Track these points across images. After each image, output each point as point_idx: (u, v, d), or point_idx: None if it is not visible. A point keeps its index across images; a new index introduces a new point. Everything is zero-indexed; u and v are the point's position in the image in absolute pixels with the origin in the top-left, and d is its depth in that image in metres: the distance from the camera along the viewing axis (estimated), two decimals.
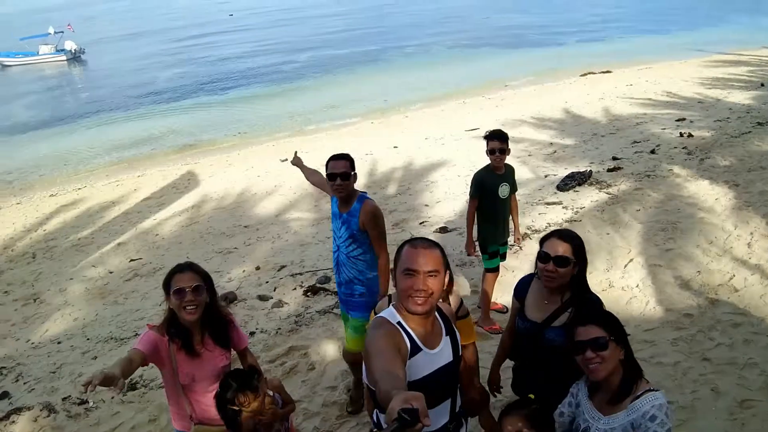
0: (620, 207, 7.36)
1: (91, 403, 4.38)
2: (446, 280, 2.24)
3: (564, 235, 2.72)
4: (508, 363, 3.14)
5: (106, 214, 10.76)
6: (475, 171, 5.02)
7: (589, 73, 21.13)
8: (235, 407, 2.61)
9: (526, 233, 6.97)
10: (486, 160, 4.91)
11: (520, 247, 6.51)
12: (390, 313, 2.25)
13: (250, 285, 6.94)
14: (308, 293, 6.39)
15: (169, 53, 37.60)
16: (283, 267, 7.37)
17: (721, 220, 6.60)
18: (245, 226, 9.34)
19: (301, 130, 17.35)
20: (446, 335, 2.32)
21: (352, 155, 3.88)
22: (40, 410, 4.28)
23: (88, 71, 36.32)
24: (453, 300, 2.81)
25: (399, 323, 2.20)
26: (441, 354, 2.26)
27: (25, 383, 4.91)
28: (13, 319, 6.52)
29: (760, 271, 5.42)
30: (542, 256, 2.67)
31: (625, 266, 5.85)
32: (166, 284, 2.75)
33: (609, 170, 9.04)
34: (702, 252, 5.93)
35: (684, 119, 11.79)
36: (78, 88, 31.27)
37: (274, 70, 28.25)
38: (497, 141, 4.75)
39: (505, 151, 4.77)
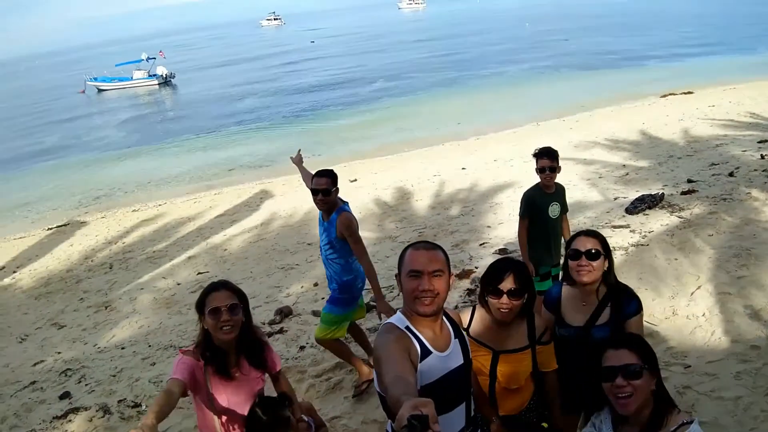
0: (692, 231, 6.96)
1: (143, 407, 4.57)
2: (451, 281, 2.24)
3: (589, 232, 2.82)
4: None
5: (181, 229, 11.29)
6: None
7: (670, 94, 20.33)
8: None
9: None
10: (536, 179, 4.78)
11: None
12: (398, 319, 2.24)
13: (307, 301, 7.05)
14: None
15: (253, 79, 39.30)
16: None
17: None
18: (309, 244, 9.51)
19: (374, 152, 17.57)
20: (455, 338, 2.30)
21: (419, 176, 4.13)
22: (96, 411, 4.51)
23: (177, 95, 38.51)
24: (538, 322, 2.74)
25: (407, 327, 2.19)
26: (452, 357, 2.24)
27: (86, 385, 5.19)
28: (85, 324, 6.93)
29: None
30: (573, 254, 2.71)
31: (692, 293, 5.51)
32: (201, 304, 2.66)
33: (683, 193, 8.59)
34: None
35: (767, 141, 11.09)
36: (167, 111, 33.24)
37: (350, 94, 28.96)
38: (547, 159, 4.59)
39: (555, 170, 4.61)
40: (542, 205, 4.67)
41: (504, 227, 8.75)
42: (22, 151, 24.41)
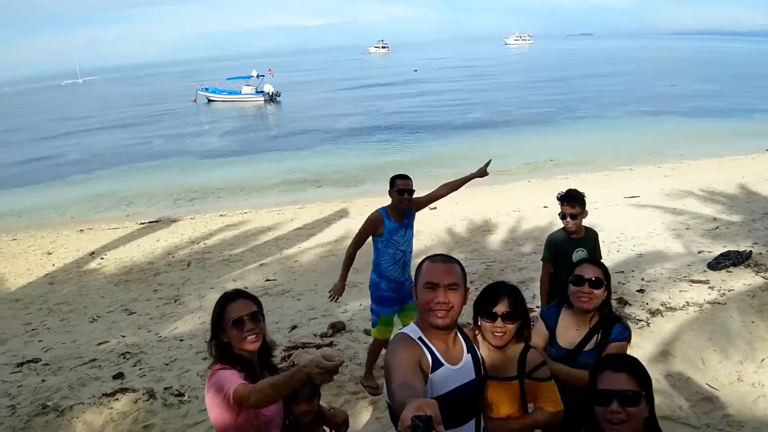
0: None
1: (186, 396, 4.78)
2: (467, 296, 2.27)
3: (594, 261, 3.00)
4: None
5: (260, 237, 11.74)
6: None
7: None
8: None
9: (659, 309, 6.41)
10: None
11: (648, 323, 6.01)
12: (411, 329, 2.26)
13: (362, 319, 7.11)
14: None
15: (355, 102, 40.50)
16: None
17: None
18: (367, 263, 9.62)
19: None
20: (468, 352, 2.30)
21: (498, 210, 4.38)
22: (143, 394, 4.75)
23: (281, 112, 40.29)
24: (531, 356, 2.55)
25: (420, 338, 2.21)
26: (463, 371, 2.24)
27: (140, 369, 5.50)
28: (153, 314, 7.37)
29: None
30: (576, 281, 2.85)
31: (762, 360, 5.11)
32: (219, 318, 2.51)
33: None
34: None
35: None
36: (269, 125, 34.89)
37: (447, 123, 29.14)
38: (568, 205, 4.37)
39: (576, 216, 4.37)
40: (566, 250, 4.46)
41: None
42: (129, 150, 26.43)
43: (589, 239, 4.59)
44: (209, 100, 45.48)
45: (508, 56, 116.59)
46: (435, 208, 13.78)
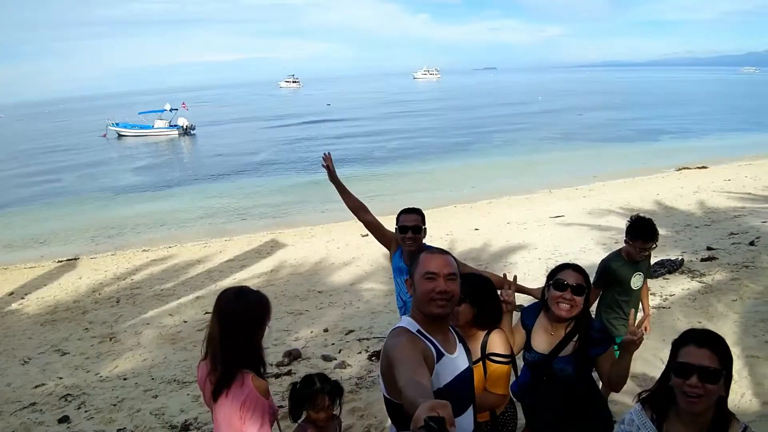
0: (714, 297, 6.81)
1: None
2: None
3: (576, 267, 2.83)
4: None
5: (190, 270, 11.20)
6: (605, 256, 4.41)
7: (684, 168, 20.50)
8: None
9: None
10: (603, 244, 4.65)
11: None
12: (408, 323, 2.22)
13: (316, 345, 6.88)
14: (373, 358, 6.23)
15: (271, 135, 40.21)
16: (351, 332, 7.31)
17: None
18: (319, 292, 9.42)
19: (384, 210, 17.52)
20: (459, 343, 2.34)
21: (431, 234, 4.00)
22: None
23: (196, 145, 39.37)
24: (497, 339, 2.79)
25: (419, 331, 2.17)
26: (459, 360, 2.27)
27: (86, 411, 5.00)
28: (88, 353, 6.77)
29: None
30: (558, 285, 2.73)
31: None
32: (260, 313, 2.57)
33: (703, 260, 8.48)
34: None
35: None
36: (185, 159, 33.92)
37: (365, 155, 29.33)
38: (642, 240, 4.07)
39: (649, 250, 4.17)
40: (624, 276, 4.17)
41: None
42: (39, 187, 24.74)
43: (645, 261, 4.33)
44: (120, 135, 43.75)
45: (418, 89, 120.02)
46: (367, 235, 13.77)
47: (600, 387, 3.07)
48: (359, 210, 4.27)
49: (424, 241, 3.93)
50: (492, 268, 9.84)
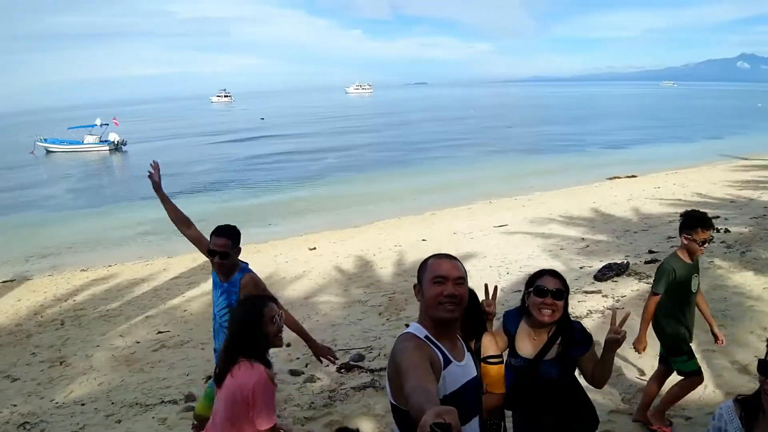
0: None
1: None
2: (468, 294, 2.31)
3: (553, 272, 2.91)
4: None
5: (135, 289, 10.79)
6: (664, 260, 4.29)
7: (615, 178, 21.49)
8: None
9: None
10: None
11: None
12: (416, 329, 2.21)
13: (281, 361, 6.74)
14: (342, 370, 6.18)
15: (205, 150, 39.37)
16: None
17: None
18: None
19: (328, 225, 17.44)
20: (467, 352, 2.34)
21: (380, 246, 4.00)
22: None
23: (128, 161, 38.14)
24: (485, 340, 2.89)
25: (426, 337, 2.17)
26: (468, 367, 2.27)
27: None
28: (39, 378, 6.39)
29: None
30: (538, 291, 2.79)
31: None
32: (260, 317, 2.79)
33: (646, 262, 8.90)
34: (757, 338, 5.70)
35: (718, 217, 11.72)
36: (118, 175, 32.82)
37: (302, 169, 29.16)
38: (705, 231, 3.99)
39: (708, 241, 4.08)
40: (686, 278, 4.09)
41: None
42: None
43: (697, 263, 4.21)
44: (48, 151, 41.76)
45: (351, 104, 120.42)
46: (315, 248, 13.68)
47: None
48: (182, 223, 4.24)
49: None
50: None
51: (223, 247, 3.71)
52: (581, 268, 9.29)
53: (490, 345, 2.88)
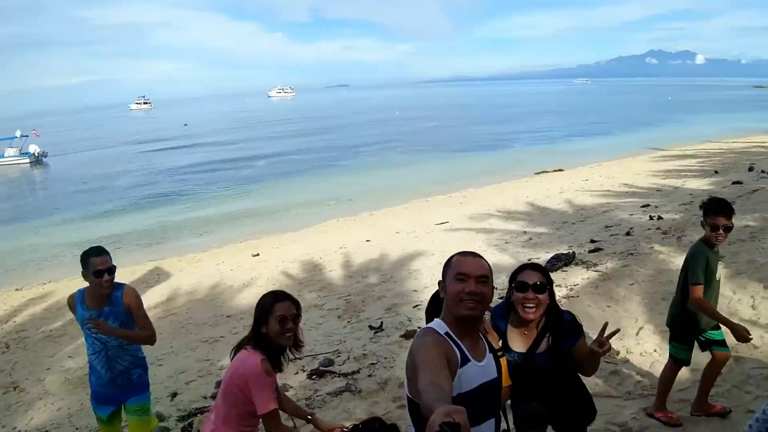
0: (613, 283, 7.50)
1: None
2: (493, 292, 2.31)
3: (534, 265, 2.92)
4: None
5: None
6: (691, 246, 4.22)
7: (543, 172, 22.29)
8: None
9: None
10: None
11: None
12: (438, 324, 2.24)
13: None
14: (313, 376, 6.12)
15: (129, 159, 37.88)
16: None
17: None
18: (228, 316, 9.07)
19: (268, 229, 17.19)
20: (489, 353, 2.34)
21: (324, 249, 4.11)
22: None
23: (50, 173, 36.52)
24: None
25: (447, 333, 2.19)
26: (487, 368, 2.27)
27: None
28: None
29: None
30: (519, 286, 2.78)
31: (637, 334, 5.91)
32: (266, 312, 2.89)
33: (590, 251, 9.29)
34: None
35: (648, 205, 12.40)
36: (40, 189, 31.23)
37: (231, 175, 28.62)
38: (724, 217, 3.92)
39: (729, 230, 3.98)
40: (714, 264, 4.05)
41: (431, 290, 8.70)
42: None
43: (718, 252, 4.15)
44: None
45: (275, 108, 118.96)
46: (258, 254, 13.46)
47: None
48: None
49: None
50: (397, 276, 10.05)
51: (112, 263, 3.77)
52: (529, 260, 9.57)
53: (491, 339, 2.89)
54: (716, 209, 3.93)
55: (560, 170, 22.24)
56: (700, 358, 4.45)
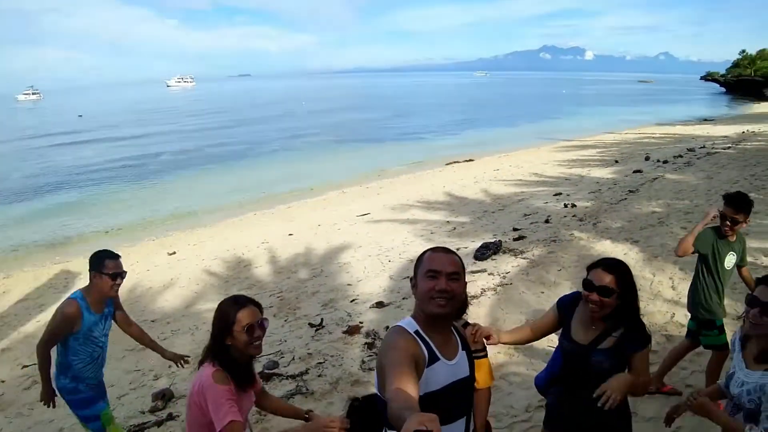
0: (542, 269, 7.81)
1: None
2: (465, 288, 2.30)
3: (609, 265, 2.71)
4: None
5: None
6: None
7: (454, 162, 22.79)
8: None
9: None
10: None
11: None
12: (407, 323, 2.24)
13: (183, 380, 6.29)
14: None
15: (22, 155, 34.55)
16: None
17: (638, 271, 7.25)
18: (152, 321, 8.59)
19: (181, 226, 16.45)
20: (462, 350, 2.32)
21: (246, 244, 4.22)
22: None
23: None
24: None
25: (416, 332, 2.19)
26: (458, 366, 2.26)
27: None
28: None
29: None
30: (587, 284, 2.69)
31: None
32: (228, 323, 2.63)
33: (515, 239, 9.62)
34: (643, 302, 6.44)
35: (560, 193, 13.00)
36: None
37: (136, 171, 27.09)
38: (732, 209, 4.03)
39: (737, 223, 4.04)
40: (719, 250, 4.17)
41: (365, 283, 8.85)
42: None
43: (740, 243, 4.23)
44: None
45: (176, 98, 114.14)
46: (174, 252, 12.89)
47: None
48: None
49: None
50: (328, 270, 9.96)
51: (123, 269, 3.93)
52: (458, 249, 9.73)
53: (473, 342, 2.72)
54: (727, 200, 4.08)
55: (471, 160, 22.83)
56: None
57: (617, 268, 2.70)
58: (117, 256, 3.88)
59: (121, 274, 3.86)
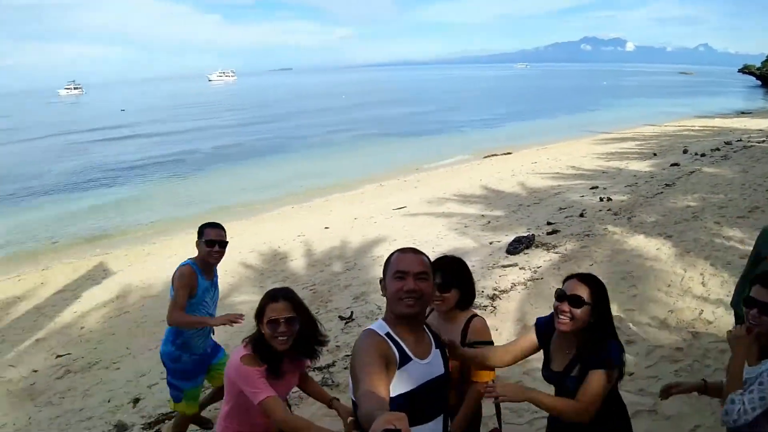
0: (573, 263, 7.60)
1: None
2: (433, 288, 2.29)
3: (584, 277, 2.59)
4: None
5: (13, 310, 9.70)
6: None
7: (492, 155, 22.50)
8: None
9: (495, 294, 6.97)
10: None
11: (494, 307, 6.54)
12: (378, 325, 2.24)
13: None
14: None
15: (64, 150, 35.62)
16: None
17: (669, 266, 7.08)
18: None
19: (220, 219, 16.62)
20: (436, 348, 2.32)
21: (282, 237, 4.16)
22: None
23: None
24: (473, 327, 2.81)
25: (387, 334, 2.18)
26: (432, 365, 2.25)
27: None
28: None
29: (723, 304, 5.81)
30: (559, 294, 2.56)
31: None
32: (260, 313, 2.79)
33: (548, 233, 9.40)
34: (665, 294, 6.28)
35: (597, 187, 12.67)
36: None
37: (179, 161, 27.69)
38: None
39: None
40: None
41: None
42: None
43: None
44: None
45: (217, 92, 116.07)
46: (215, 244, 13.02)
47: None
48: None
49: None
50: (362, 263, 9.94)
51: (221, 236, 4.02)
52: (491, 243, 9.62)
53: (480, 329, 2.81)
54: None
55: (509, 153, 22.53)
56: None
57: (592, 280, 2.58)
58: (217, 225, 4.04)
59: (219, 242, 3.97)
